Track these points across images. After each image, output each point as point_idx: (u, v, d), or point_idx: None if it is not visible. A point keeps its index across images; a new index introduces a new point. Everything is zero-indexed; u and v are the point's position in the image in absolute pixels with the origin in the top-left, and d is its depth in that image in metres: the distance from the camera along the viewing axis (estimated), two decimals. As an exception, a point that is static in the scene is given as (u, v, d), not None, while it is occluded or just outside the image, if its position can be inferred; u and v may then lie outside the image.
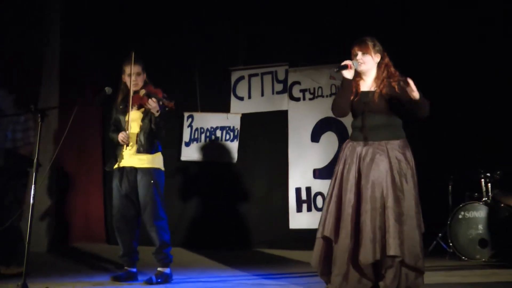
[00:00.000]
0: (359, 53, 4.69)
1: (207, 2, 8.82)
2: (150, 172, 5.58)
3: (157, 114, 5.47)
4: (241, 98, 8.73)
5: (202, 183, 8.70)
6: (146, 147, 5.58)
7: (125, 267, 5.71)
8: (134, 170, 5.59)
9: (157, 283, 5.42)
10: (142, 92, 5.58)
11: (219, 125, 8.73)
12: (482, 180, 7.16)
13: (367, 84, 4.76)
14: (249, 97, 8.64)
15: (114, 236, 8.60)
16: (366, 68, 4.71)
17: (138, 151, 5.57)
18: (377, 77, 4.72)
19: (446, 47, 7.81)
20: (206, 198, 8.64)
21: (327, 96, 8.24)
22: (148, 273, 5.70)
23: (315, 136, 8.32)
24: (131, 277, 5.63)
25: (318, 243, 4.65)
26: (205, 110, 8.82)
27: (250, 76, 8.67)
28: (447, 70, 7.77)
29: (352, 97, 4.74)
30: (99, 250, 8.10)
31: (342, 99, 4.77)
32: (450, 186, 7.37)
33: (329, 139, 8.23)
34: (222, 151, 8.69)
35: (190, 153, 8.80)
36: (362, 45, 4.71)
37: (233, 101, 8.76)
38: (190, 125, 8.82)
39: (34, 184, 5.03)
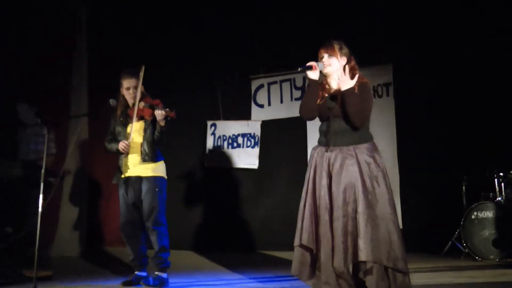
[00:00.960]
0: (325, 55, 4.49)
1: (226, 14, 8.77)
2: (154, 180, 5.58)
3: (163, 124, 5.47)
4: (261, 106, 8.67)
5: (225, 189, 8.66)
6: (150, 156, 5.57)
7: (135, 272, 5.68)
8: (139, 179, 5.59)
9: (154, 285, 5.41)
10: (142, 104, 5.59)
11: (241, 132, 8.69)
12: (496, 179, 6.90)
13: (333, 87, 4.57)
14: (269, 104, 8.57)
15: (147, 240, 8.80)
16: (331, 70, 4.49)
17: (144, 160, 5.56)
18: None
19: (460, 47, 7.64)
20: (229, 203, 8.59)
21: (343, 101, 8.09)
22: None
23: (334, 140, 8.11)
24: (140, 281, 5.59)
25: (297, 251, 4.46)
26: (227, 118, 8.79)
27: (269, 84, 8.59)
28: (462, 74, 7.60)
29: (318, 101, 4.54)
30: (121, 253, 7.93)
31: (309, 100, 4.55)
32: (464, 186, 7.14)
33: (347, 143, 8.05)
34: (243, 157, 8.64)
35: (214, 159, 8.78)
36: (328, 47, 4.51)
37: (254, 109, 8.72)
38: (213, 133, 8.81)
39: (41, 193, 5.22)
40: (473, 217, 6.79)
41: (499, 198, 6.82)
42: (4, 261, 6.18)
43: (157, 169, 5.64)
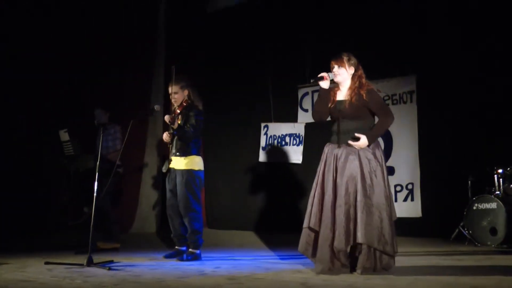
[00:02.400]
0: (336, 66, 4.76)
1: (278, 33, 9.22)
2: (183, 173, 5.83)
3: (174, 126, 5.82)
4: (306, 110, 8.94)
5: (275, 180, 9.02)
6: (181, 151, 5.88)
7: (176, 246, 6.04)
8: (174, 170, 5.92)
9: (187, 259, 5.69)
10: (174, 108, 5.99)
11: (288, 132, 9.03)
12: (495, 176, 6.99)
13: (343, 93, 4.78)
14: (313, 109, 8.75)
15: (213, 221, 9.43)
16: (341, 78, 4.75)
17: (176, 154, 5.89)
18: (350, 87, 4.74)
19: (469, 63, 7.71)
20: (279, 192, 8.95)
21: (374, 106, 8.36)
22: (209, 252, 6.18)
23: (364, 139, 8.34)
24: (180, 254, 5.86)
25: (304, 232, 4.74)
26: (277, 121, 9.17)
27: (313, 92, 8.78)
28: (473, 85, 7.66)
29: (330, 105, 4.80)
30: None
31: (320, 106, 4.85)
32: (469, 182, 7.24)
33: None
34: (290, 153, 8.98)
35: (266, 155, 9.20)
36: (337, 60, 4.78)
37: (300, 113, 9.03)
38: (266, 133, 9.23)
39: (96, 181, 5.53)
40: (474, 208, 6.88)
41: (498, 192, 6.91)
42: (83, 235, 6.57)
43: (188, 163, 5.83)
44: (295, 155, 8.93)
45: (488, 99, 7.54)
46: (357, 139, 4.61)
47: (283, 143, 9.08)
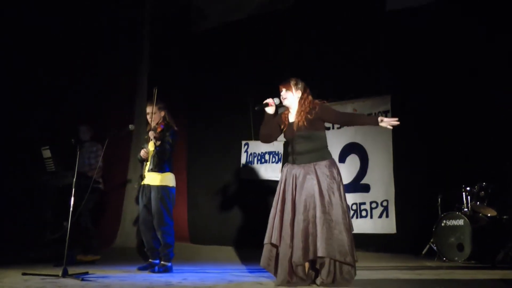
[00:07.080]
0: (283, 90, 5.09)
1: (259, 52, 9.59)
2: (158, 189, 6.20)
3: (157, 143, 6.20)
4: None
5: (256, 196, 9.26)
6: (156, 167, 6.25)
7: (149, 259, 6.36)
8: (148, 186, 6.28)
9: (159, 272, 6.03)
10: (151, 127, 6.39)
11: (267, 150, 9.37)
12: (463, 193, 7.37)
13: (292, 115, 5.11)
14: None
15: (195, 236, 9.74)
16: (288, 102, 5.08)
17: (151, 170, 6.25)
18: (298, 111, 5.05)
19: (445, 83, 8.11)
20: (258, 208, 8.96)
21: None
22: (183, 265, 6.52)
23: (342, 158, 8.71)
24: (152, 267, 6.19)
25: (266, 248, 5.00)
26: (257, 139, 9.28)
27: None
28: (447, 106, 8.05)
29: (283, 127, 5.12)
30: (178, 248, 8.45)
31: (265, 130, 5.23)
32: (439, 199, 7.59)
33: (353, 160, 8.68)
34: (269, 170, 9.31)
35: (246, 173, 9.54)
36: (285, 84, 5.11)
37: None
38: (246, 151, 9.59)
39: (73, 196, 5.82)
40: (443, 224, 7.23)
41: (466, 209, 7.28)
42: (63, 248, 6.72)
43: (163, 179, 6.21)
44: (274, 172, 9.22)
45: (459, 120, 7.93)
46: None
47: (263, 160, 9.40)
